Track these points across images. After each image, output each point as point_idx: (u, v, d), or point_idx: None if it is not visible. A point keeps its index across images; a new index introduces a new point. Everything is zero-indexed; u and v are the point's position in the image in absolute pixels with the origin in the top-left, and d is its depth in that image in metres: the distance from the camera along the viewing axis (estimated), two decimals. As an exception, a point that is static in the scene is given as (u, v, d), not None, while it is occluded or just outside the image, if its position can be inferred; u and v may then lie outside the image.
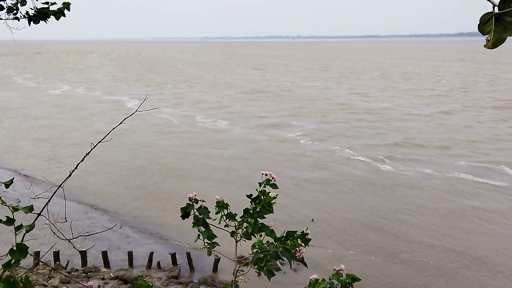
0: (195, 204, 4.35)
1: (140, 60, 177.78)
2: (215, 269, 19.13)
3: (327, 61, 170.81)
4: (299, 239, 4.12)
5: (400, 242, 21.17)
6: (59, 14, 6.13)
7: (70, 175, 3.73)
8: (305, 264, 4.06)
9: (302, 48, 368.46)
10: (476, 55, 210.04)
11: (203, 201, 4.37)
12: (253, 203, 4.37)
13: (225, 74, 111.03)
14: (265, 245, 4.24)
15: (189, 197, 4.35)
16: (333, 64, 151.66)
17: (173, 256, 19.37)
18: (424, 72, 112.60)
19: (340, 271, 4.42)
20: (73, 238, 3.85)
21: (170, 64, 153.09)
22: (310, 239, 4.14)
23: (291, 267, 4.13)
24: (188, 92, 75.73)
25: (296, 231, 4.13)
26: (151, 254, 19.45)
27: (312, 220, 23.50)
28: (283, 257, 4.08)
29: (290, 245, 4.12)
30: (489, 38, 2.01)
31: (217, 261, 19.06)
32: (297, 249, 4.08)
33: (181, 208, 4.29)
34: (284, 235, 4.19)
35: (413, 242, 21.20)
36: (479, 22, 2.02)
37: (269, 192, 4.35)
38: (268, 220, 4.27)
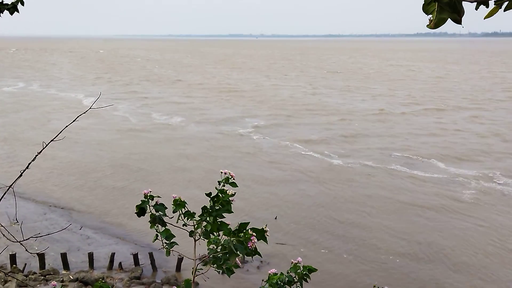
0: (150, 201, 4.20)
1: (101, 57, 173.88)
2: (178, 268, 18.98)
3: (293, 60, 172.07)
4: (250, 230, 4.13)
5: (363, 238, 21.61)
6: (13, 9, 5.92)
7: (20, 175, 3.63)
8: (259, 255, 4.11)
9: (267, 46, 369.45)
10: (433, 54, 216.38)
11: (159, 197, 4.25)
12: (212, 201, 4.33)
13: (188, 72, 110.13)
14: (220, 240, 4.20)
15: (144, 193, 4.19)
16: (299, 63, 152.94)
17: (135, 256, 19.10)
18: (389, 71, 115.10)
19: (297, 264, 4.53)
20: (24, 240, 3.74)
21: (132, 61, 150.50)
22: (266, 231, 4.16)
23: (245, 259, 4.06)
24: (149, 90, 74.70)
25: (248, 223, 4.15)
26: (113, 254, 19.11)
27: (276, 218, 23.52)
28: (237, 250, 4.07)
29: (243, 238, 4.12)
30: (432, 18, 2.09)
31: (180, 260, 18.92)
32: (250, 240, 4.07)
33: (136, 206, 4.16)
34: (238, 228, 4.18)
35: (373, 238, 21.68)
36: (423, 2, 2.10)
37: (227, 190, 4.33)
38: (230, 219, 4.25)
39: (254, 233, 4.10)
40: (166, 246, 4.23)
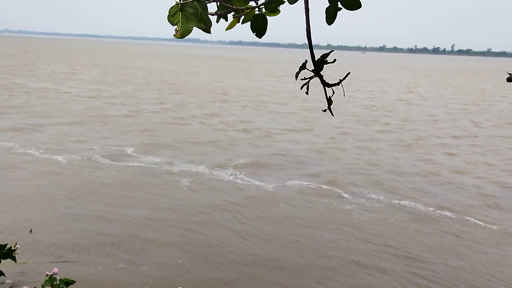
0: None
1: None
2: None
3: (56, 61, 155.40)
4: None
5: (137, 239, 16.09)
6: None
7: None
8: (3, 274, 4.06)
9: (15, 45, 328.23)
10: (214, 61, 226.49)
11: None
12: None
13: None
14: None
15: None
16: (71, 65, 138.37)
17: None
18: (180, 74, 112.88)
19: (53, 276, 4.33)
20: None
21: None
22: (15, 249, 4.11)
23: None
24: None
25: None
26: None
27: (31, 231, 16.91)
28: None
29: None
30: (177, 28, 2.11)
31: None
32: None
33: None
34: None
35: (153, 240, 16.17)
36: (168, 14, 2.12)
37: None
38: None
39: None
40: None
